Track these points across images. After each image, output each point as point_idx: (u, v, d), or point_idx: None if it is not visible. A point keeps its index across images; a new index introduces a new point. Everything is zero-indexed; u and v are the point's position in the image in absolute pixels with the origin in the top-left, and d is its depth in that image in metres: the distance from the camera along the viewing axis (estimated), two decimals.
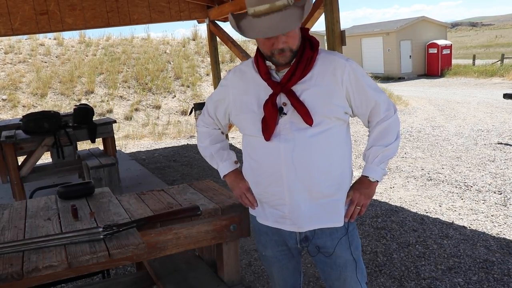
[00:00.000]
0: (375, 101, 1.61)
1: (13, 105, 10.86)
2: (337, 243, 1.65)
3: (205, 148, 1.84)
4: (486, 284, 2.91)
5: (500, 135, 7.37)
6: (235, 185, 1.77)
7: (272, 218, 1.67)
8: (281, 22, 1.45)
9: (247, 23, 1.52)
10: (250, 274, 3.23)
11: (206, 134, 1.84)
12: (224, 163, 1.80)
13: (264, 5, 1.45)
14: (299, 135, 1.53)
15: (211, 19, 7.83)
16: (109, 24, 6.93)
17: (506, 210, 4.16)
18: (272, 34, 1.46)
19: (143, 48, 14.38)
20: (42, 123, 4.66)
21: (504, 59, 21.79)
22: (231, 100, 1.68)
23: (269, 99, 1.55)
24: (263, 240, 1.78)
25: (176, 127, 10.53)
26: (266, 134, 1.55)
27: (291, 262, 1.80)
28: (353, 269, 1.69)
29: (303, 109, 1.52)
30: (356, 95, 1.59)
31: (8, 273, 1.37)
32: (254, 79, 1.63)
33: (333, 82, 1.56)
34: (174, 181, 5.87)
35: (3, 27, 6.31)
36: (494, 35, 61.96)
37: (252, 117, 1.60)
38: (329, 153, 1.57)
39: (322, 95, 1.55)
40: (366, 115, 1.64)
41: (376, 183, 1.67)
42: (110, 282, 2.41)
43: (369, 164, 1.65)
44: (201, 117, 1.86)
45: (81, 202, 2.06)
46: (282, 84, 1.55)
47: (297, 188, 1.56)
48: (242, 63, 1.74)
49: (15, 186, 4.78)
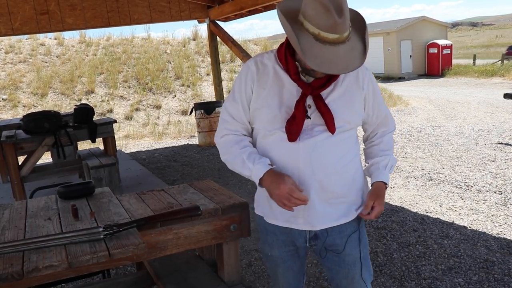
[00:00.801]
0: (385, 114, 1.70)
1: (13, 105, 10.87)
2: (346, 240, 1.65)
3: (234, 156, 1.58)
4: (487, 284, 2.91)
5: (501, 135, 7.37)
6: (275, 187, 1.48)
7: (283, 217, 1.63)
8: (344, 58, 1.38)
9: (308, 43, 1.37)
10: (250, 274, 3.23)
11: (233, 141, 1.61)
12: (256, 166, 1.53)
13: (334, 35, 1.35)
14: (319, 137, 1.53)
15: (211, 19, 7.83)
16: (110, 24, 6.93)
17: (507, 210, 4.15)
18: (337, 72, 1.40)
19: (144, 48, 14.38)
20: (43, 123, 4.66)
21: (504, 59, 21.79)
22: (252, 92, 1.59)
23: (300, 99, 1.51)
24: (270, 240, 1.75)
25: (177, 127, 10.53)
26: (291, 135, 1.51)
27: (296, 263, 1.78)
28: (360, 267, 1.69)
29: (329, 116, 1.50)
30: (371, 104, 1.64)
31: (8, 273, 1.37)
32: (277, 74, 1.55)
33: (356, 87, 1.57)
34: (174, 181, 5.87)
35: (4, 27, 6.32)
36: (495, 35, 61.93)
37: (272, 113, 1.54)
38: (345, 154, 1.58)
39: (345, 100, 1.55)
40: (374, 125, 1.71)
41: None
42: (110, 282, 2.41)
43: (383, 171, 1.67)
44: (222, 125, 1.64)
45: (81, 202, 2.06)
46: (313, 87, 1.50)
47: (314, 188, 1.55)
48: (260, 55, 1.62)
49: (16, 186, 4.78)
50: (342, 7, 1.34)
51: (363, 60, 1.42)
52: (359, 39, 1.45)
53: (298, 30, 1.39)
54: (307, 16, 1.38)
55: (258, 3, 6.21)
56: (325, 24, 1.34)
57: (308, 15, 1.37)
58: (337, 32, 1.34)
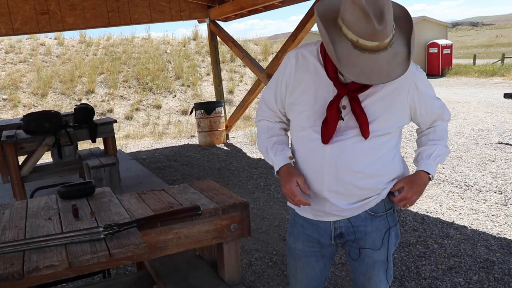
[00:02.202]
0: (441, 112, 1.59)
1: (13, 104, 10.87)
2: (367, 238, 1.61)
3: (261, 143, 1.67)
4: (487, 283, 2.91)
5: (501, 135, 7.37)
6: (283, 184, 1.54)
7: (312, 212, 1.62)
8: (386, 67, 1.29)
9: (345, 51, 1.29)
10: (250, 274, 3.22)
11: (265, 128, 1.67)
12: (277, 157, 1.59)
13: (373, 42, 1.26)
14: (350, 141, 1.46)
15: (211, 19, 7.83)
16: (110, 24, 6.93)
17: (507, 209, 4.15)
18: (378, 82, 1.31)
19: (144, 48, 14.38)
20: (43, 123, 4.66)
21: (504, 59, 21.79)
22: (289, 84, 1.54)
23: (334, 101, 1.44)
24: (296, 231, 1.71)
25: (177, 126, 10.53)
26: (324, 137, 1.46)
27: (318, 263, 1.71)
28: (385, 268, 1.66)
29: (364, 120, 1.42)
30: (422, 107, 1.54)
31: (8, 272, 1.37)
32: (316, 70, 1.49)
33: (399, 92, 1.47)
34: (174, 181, 5.87)
35: (4, 26, 6.32)
36: (495, 34, 61.92)
37: (305, 111, 1.50)
38: (378, 159, 1.51)
39: (385, 104, 1.46)
40: (429, 123, 1.62)
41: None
42: (111, 281, 2.41)
43: (427, 160, 1.58)
44: (259, 110, 1.70)
45: (81, 202, 2.06)
46: (350, 89, 1.42)
47: (337, 191, 1.52)
48: (304, 47, 1.55)
49: (16, 186, 4.78)
50: (383, 12, 1.25)
51: (407, 67, 1.33)
52: (404, 43, 1.35)
53: (337, 36, 1.31)
54: (345, 21, 1.29)
55: (259, 3, 6.21)
56: (364, 31, 1.25)
57: (347, 20, 1.28)
58: (377, 40, 1.26)
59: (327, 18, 1.35)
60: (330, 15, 1.36)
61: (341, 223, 1.62)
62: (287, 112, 1.61)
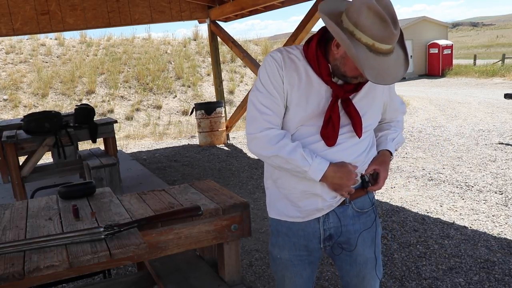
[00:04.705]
0: (403, 107, 1.77)
1: (14, 105, 10.88)
2: (358, 238, 1.64)
3: (289, 151, 1.48)
4: (487, 284, 2.91)
5: (501, 135, 7.37)
6: (345, 173, 1.50)
7: (302, 214, 1.62)
8: (394, 68, 1.38)
9: (363, 54, 1.33)
10: (251, 274, 3.23)
11: (278, 135, 1.50)
12: (317, 159, 1.49)
13: (387, 46, 1.34)
14: (342, 136, 1.52)
15: (212, 19, 7.84)
16: (110, 24, 6.94)
17: (507, 210, 4.15)
18: (390, 82, 1.38)
19: (144, 48, 14.39)
20: (43, 123, 4.67)
21: (505, 59, 21.79)
22: (284, 80, 1.50)
23: (335, 102, 1.48)
24: (280, 241, 1.71)
25: (177, 127, 10.54)
26: (329, 140, 1.49)
27: (306, 270, 1.72)
28: (374, 266, 1.70)
29: (358, 120, 1.50)
30: (392, 102, 1.69)
31: (9, 272, 1.37)
32: (306, 72, 1.50)
33: (375, 88, 1.57)
34: (175, 181, 5.87)
35: (4, 27, 6.32)
36: (495, 35, 61.92)
37: (298, 114, 1.51)
38: (366, 153, 1.59)
39: (368, 101, 1.56)
40: (394, 117, 1.75)
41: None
42: (111, 282, 2.41)
43: (390, 143, 1.69)
44: (262, 117, 1.51)
45: (82, 202, 2.06)
46: (345, 89, 1.48)
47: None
48: (287, 49, 1.54)
49: (16, 186, 4.79)
50: (395, 17, 1.33)
51: (407, 67, 1.43)
52: (399, 46, 1.44)
53: (353, 38, 1.34)
54: (360, 26, 1.32)
55: (259, 3, 6.22)
56: (382, 35, 1.31)
57: (362, 25, 1.31)
58: (391, 43, 1.34)
59: (336, 22, 1.37)
60: (334, 19, 1.38)
61: (331, 224, 1.63)
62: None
